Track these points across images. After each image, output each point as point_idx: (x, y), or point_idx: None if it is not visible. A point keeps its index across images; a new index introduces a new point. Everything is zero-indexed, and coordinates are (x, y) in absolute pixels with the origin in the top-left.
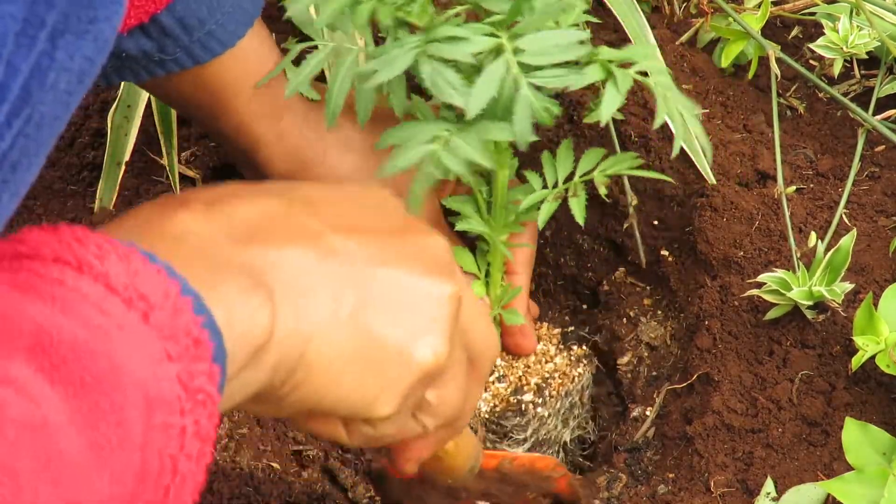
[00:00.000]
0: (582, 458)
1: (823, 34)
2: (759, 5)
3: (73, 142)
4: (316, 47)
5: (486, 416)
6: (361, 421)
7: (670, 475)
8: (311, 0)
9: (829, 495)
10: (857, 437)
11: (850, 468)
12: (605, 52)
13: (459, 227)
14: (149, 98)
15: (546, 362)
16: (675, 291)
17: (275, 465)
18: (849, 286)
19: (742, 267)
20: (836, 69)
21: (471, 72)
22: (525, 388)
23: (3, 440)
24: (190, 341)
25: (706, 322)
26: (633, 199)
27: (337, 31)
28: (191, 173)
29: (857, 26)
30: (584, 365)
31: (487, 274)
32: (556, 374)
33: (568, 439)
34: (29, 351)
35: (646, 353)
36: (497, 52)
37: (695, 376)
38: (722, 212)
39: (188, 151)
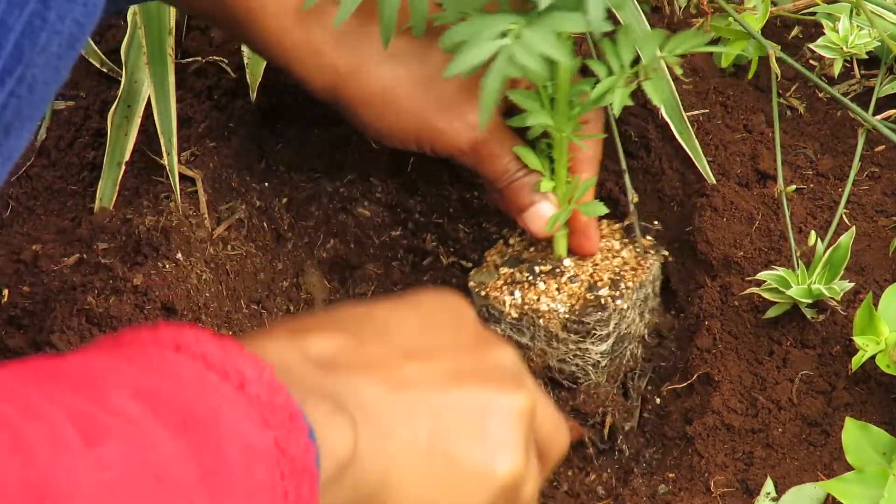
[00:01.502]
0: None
1: (823, 34)
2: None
3: (73, 142)
4: None
5: (566, 316)
6: None
7: (670, 475)
8: None
9: (829, 495)
10: (857, 437)
11: (850, 468)
12: None
13: (527, 122)
14: (149, 98)
15: (614, 258)
16: (675, 291)
17: None
18: (848, 284)
19: (742, 267)
20: (836, 69)
21: None
22: (599, 283)
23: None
24: (287, 415)
25: (706, 322)
26: (633, 197)
27: None
28: (191, 173)
29: (858, 26)
30: (653, 255)
31: (553, 171)
32: (627, 268)
33: (646, 333)
34: (134, 392)
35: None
36: None
37: (695, 376)
38: (722, 212)
39: (188, 151)
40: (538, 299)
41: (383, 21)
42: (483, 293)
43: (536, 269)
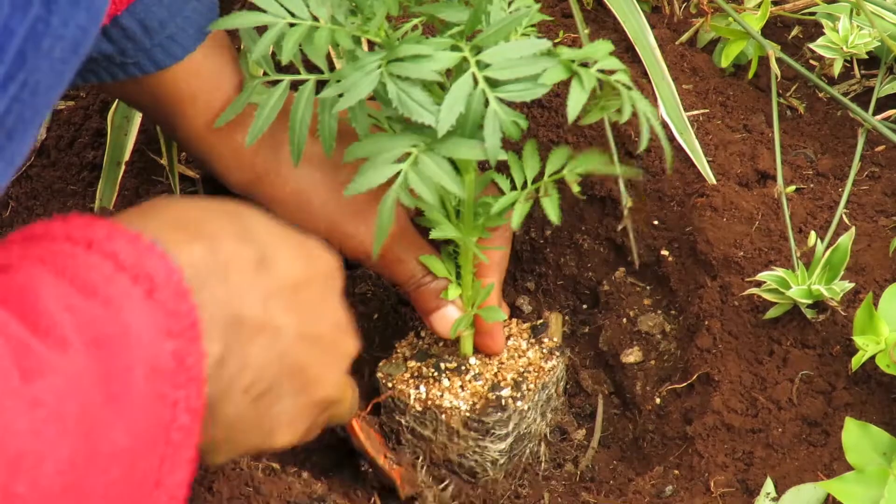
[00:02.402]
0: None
1: (823, 34)
2: (759, 5)
3: (73, 142)
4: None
5: (468, 414)
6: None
7: (670, 475)
8: (273, 39)
9: (829, 495)
10: (857, 437)
11: (850, 468)
12: (566, 51)
13: (433, 235)
14: None
15: (519, 357)
16: (675, 291)
17: (275, 465)
18: (848, 285)
19: (742, 267)
20: (836, 69)
21: (435, 87)
22: (502, 383)
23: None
24: (189, 323)
25: (706, 322)
26: (627, 202)
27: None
28: (190, 173)
29: (857, 26)
30: (557, 357)
31: (458, 276)
32: (531, 368)
33: (548, 432)
34: (58, 305)
35: (648, 353)
36: (461, 66)
37: (695, 376)
38: (722, 212)
39: None
40: (442, 395)
41: (293, 143)
42: (390, 385)
43: (442, 365)
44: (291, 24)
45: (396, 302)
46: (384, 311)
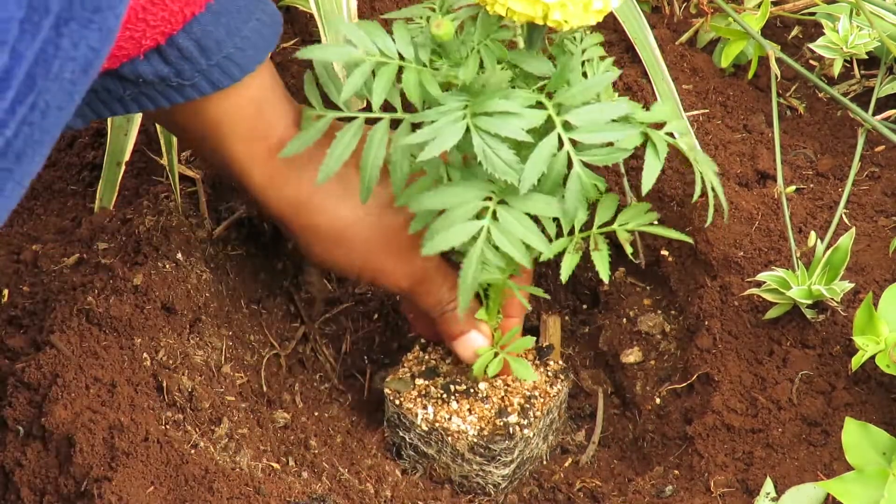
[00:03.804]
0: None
1: (823, 34)
2: (759, 5)
3: (73, 142)
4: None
5: (475, 439)
6: None
7: (670, 475)
8: (365, 76)
9: (829, 495)
10: (857, 437)
11: (850, 468)
12: (640, 114)
13: (483, 279)
14: None
15: (525, 380)
16: (675, 291)
17: (275, 465)
18: (848, 285)
19: (742, 267)
20: (836, 69)
21: (518, 143)
22: (509, 408)
23: None
24: None
25: (706, 322)
26: (630, 198)
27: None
28: (191, 173)
29: (857, 26)
30: (562, 381)
31: (487, 307)
32: (537, 393)
33: (547, 454)
34: None
35: (648, 353)
36: (547, 126)
37: (695, 376)
38: (722, 212)
39: (188, 151)
40: (450, 419)
41: (364, 182)
42: (398, 402)
43: (452, 387)
44: (381, 63)
45: (396, 302)
46: (384, 312)
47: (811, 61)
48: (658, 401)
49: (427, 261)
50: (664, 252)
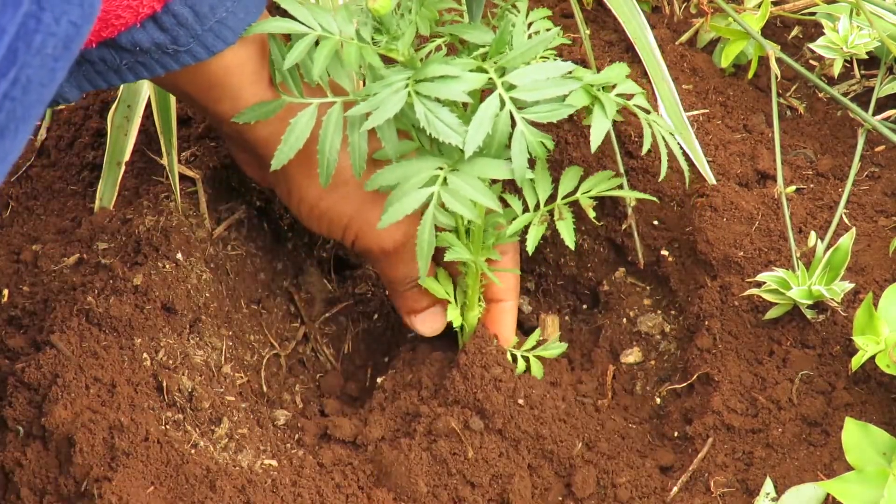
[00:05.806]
0: None
1: (823, 34)
2: (759, 5)
3: (73, 142)
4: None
5: None
6: None
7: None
8: (304, 51)
9: (829, 495)
10: (857, 437)
11: (850, 468)
12: (587, 75)
13: (448, 258)
14: (149, 98)
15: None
16: (675, 291)
17: (275, 464)
18: (848, 285)
19: (742, 267)
20: (836, 69)
21: (460, 108)
22: None
23: None
24: None
25: (706, 322)
26: (631, 201)
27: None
28: (191, 173)
29: (857, 26)
30: None
31: (465, 294)
32: None
33: None
34: None
35: (648, 353)
36: (488, 88)
37: (695, 376)
38: (722, 212)
39: (188, 151)
40: None
41: (323, 166)
42: None
43: None
44: (320, 38)
45: None
46: (384, 311)
47: (811, 61)
48: (658, 401)
49: (412, 228)
50: (664, 252)
